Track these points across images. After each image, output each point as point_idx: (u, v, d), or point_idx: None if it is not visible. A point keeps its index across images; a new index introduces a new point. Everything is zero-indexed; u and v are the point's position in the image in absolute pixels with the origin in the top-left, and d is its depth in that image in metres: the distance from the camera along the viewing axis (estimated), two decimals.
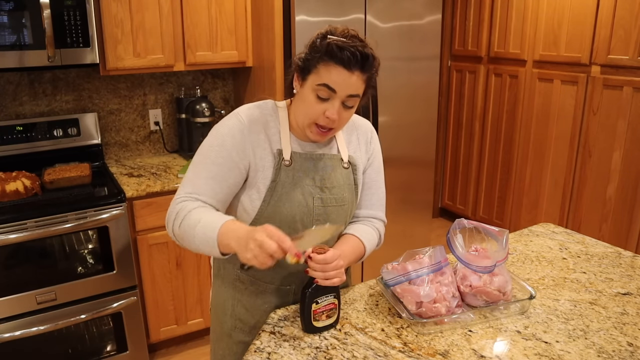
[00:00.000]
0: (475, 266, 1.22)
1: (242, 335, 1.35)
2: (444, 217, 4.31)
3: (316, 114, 1.16)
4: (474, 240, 1.29)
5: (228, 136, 1.21)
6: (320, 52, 1.13)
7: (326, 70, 1.12)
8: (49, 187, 2.22)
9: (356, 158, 1.32)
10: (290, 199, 1.22)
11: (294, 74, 1.21)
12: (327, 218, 1.26)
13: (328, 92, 1.13)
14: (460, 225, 1.28)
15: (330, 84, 1.12)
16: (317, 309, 1.15)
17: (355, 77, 1.14)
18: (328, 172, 1.26)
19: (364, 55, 1.13)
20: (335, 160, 1.28)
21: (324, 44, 1.13)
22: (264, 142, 1.22)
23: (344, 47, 1.11)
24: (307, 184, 1.24)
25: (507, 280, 1.24)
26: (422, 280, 1.19)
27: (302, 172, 1.24)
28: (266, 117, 1.25)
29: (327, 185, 1.26)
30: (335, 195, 1.26)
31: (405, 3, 2.85)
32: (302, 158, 1.24)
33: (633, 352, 1.11)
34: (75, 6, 2.16)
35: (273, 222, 1.19)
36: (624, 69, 2.75)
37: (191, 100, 2.77)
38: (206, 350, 2.63)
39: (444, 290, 1.20)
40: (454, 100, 3.94)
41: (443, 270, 1.22)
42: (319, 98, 1.15)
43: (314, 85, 1.14)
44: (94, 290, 2.21)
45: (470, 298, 1.24)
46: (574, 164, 3.09)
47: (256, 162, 1.22)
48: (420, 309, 1.19)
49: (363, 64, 1.13)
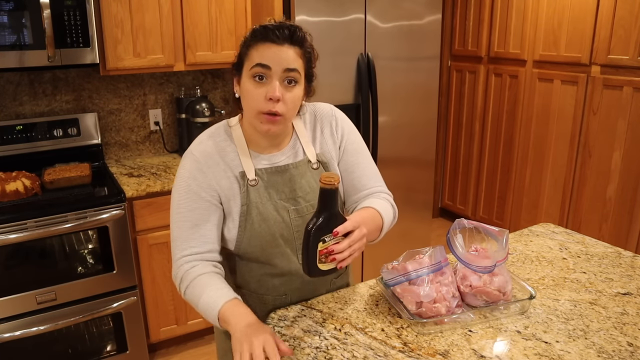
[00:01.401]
0: (475, 266, 1.22)
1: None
2: (444, 217, 4.31)
3: (258, 98, 1.11)
4: (474, 240, 1.29)
5: (190, 179, 1.19)
6: (248, 41, 1.13)
7: (256, 51, 1.11)
8: (49, 187, 2.22)
9: (325, 153, 1.29)
10: (265, 218, 1.20)
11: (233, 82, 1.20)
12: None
13: (262, 69, 1.10)
14: (460, 225, 1.27)
15: (262, 60, 1.10)
16: (323, 249, 1.03)
17: (286, 49, 1.11)
18: (297, 180, 1.23)
19: (290, 28, 1.12)
20: (301, 167, 1.25)
21: (249, 34, 1.14)
22: (225, 170, 1.20)
23: (267, 26, 1.12)
24: (279, 198, 1.22)
25: (507, 280, 1.24)
26: (422, 280, 1.19)
27: (270, 188, 1.21)
28: (220, 144, 1.22)
29: (299, 195, 1.23)
30: (311, 202, 1.24)
31: (405, 3, 2.85)
32: (267, 173, 1.22)
33: (633, 352, 1.11)
34: (75, 6, 2.16)
35: (254, 244, 1.21)
36: (624, 69, 2.75)
37: (191, 100, 2.77)
38: (206, 350, 2.63)
39: (444, 290, 1.20)
40: (454, 100, 3.94)
41: (443, 270, 1.22)
42: (257, 81, 1.11)
43: (248, 70, 1.12)
44: (94, 290, 2.21)
45: (470, 298, 1.24)
46: (574, 164, 3.09)
47: (225, 193, 1.20)
48: (420, 309, 1.19)
49: (291, 36, 1.12)
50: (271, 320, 1.23)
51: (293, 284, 1.29)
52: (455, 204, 4.09)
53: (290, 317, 1.24)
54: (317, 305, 1.29)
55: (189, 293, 1.16)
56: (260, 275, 1.27)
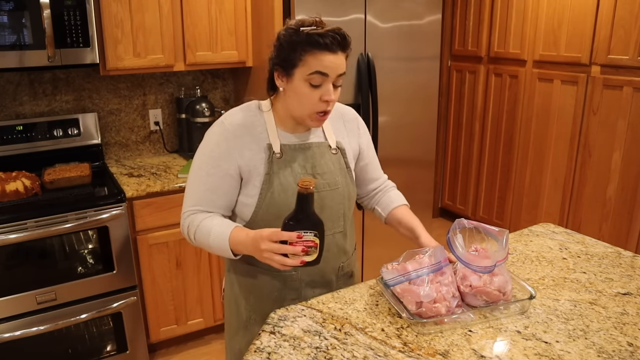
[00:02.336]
0: (475, 266, 1.22)
1: (258, 327, 1.39)
2: (444, 217, 4.31)
3: (313, 101, 1.23)
4: (474, 240, 1.29)
5: (215, 145, 1.30)
6: (302, 44, 1.20)
7: (314, 59, 1.19)
8: (49, 187, 2.22)
9: (344, 144, 1.40)
10: (285, 188, 1.29)
11: (274, 73, 1.27)
12: (322, 203, 1.32)
13: (321, 78, 1.21)
14: (460, 225, 1.27)
15: (322, 69, 1.20)
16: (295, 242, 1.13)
17: (340, 56, 1.22)
18: (317, 159, 1.33)
19: (341, 36, 1.21)
20: (323, 147, 1.35)
21: (302, 37, 1.20)
22: (250, 142, 1.30)
23: (324, 34, 1.19)
24: (300, 172, 1.31)
25: (507, 280, 1.24)
26: (422, 280, 1.19)
27: (293, 161, 1.31)
28: (250, 119, 1.32)
29: (318, 172, 1.33)
30: (328, 180, 1.33)
31: (405, 3, 2.85)
32: (291, 149, 1.32)
33: (633, 352, 1.11)
34: (75, 6, 2.16)
35: (271, 211, 1.29)
36: (624, 69, 2.75)
37: (191, 100, 2.77)
38: (206, 350, 2.63)
39: (444, 290, 1.20)
40: (454, 100, 3.94)
41: (443, 270, 1.22)
42: (313, 86, 1.22)
43: (305, 75, 1.21)
44: (94, 290, 2.21)
45: (470, 298, 1.24)
46: (574, 164, 3.09)
47: (246, 163, 1.29)
48: (420, 309, 1.18)
49: (343, 44, 1.22)
50: (271, 320, 1.24)
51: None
52: (455, 204, 4.09)
53: (290, 317, 1.24)
54: (317, 305, 1.29)
55: (198, 237, 1.28)
56: None
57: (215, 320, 2.64)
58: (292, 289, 1.38)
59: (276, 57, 1.25)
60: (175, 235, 2.39)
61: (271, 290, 1.38)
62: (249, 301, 1.41)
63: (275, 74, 1.27)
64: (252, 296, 1.41)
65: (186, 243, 2.43)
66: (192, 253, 2.46)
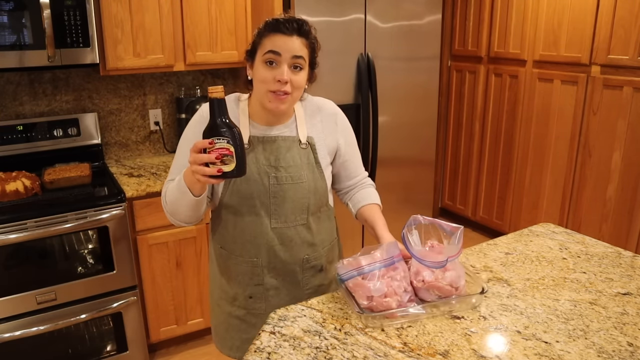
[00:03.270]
0: (427, 261, 1.23)
1: (227, 305, 1.51)
2: (444, 217, 4.31)
3: (268, 79, 1.28)
4: (430, 236, 1.31)
5: (190, 129, 1.41)
6: (261, 31, 1.31)
7: (268, 40, 1.29)
8: (49, 187, 2.22)
9: (316, 139, 1.43)
10: (247, 178, 1.35)
11: (246, 66, 1.36)
12: (284, 195, 1.38)
13: (273, 56, 1.27)
14: (416, 221, 1.30)
15: (274, 48, 1.27)
16: (209, 150, 1.15)
17: (295, 39, 1.28)
18: (282, 152, 1.38)
19: (297, 21, 1.29)
20: (290, 142, 1.40)
21: (262, 26, 1.31)
22: None
23: (278, 18, 1.30)
24: (263, 164, 1.37)
25: (459, 275, 1.25)
26: (374, 275, 1.22)
27: (258, 154, 1.37)
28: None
29: (282, 165, 1.38)
30: (291, 174, 1.38)
31: (405, 3, 2.86)
32: (258, 141, 1.38)
33: (633, 352, 1.11)
34: (75, 6, 2.16)
35: (234, 200, 1.38)
36: (624, 69, 2.75)
37: (191, 100, 2.77)
38: (206, 350, 2.63)
39: (395, 285, 1.21)
40: (454, 100, 3.94)
41: (395, 265, 1.25)
42: (268, 65, 1.28)
43: (261, 56, 1.29)
44: (94, 290, 2.21)
45: (423, 293, 1.26)
46: (574, 164, 3.09)
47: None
48: (372, 303, 1.21)
49: (299, 29, 1.29)
50: (271, 320, 1.24)
51: (261, 247, 1.40)
52: (455, 204, 4.09)
53: (290, 317, 1.24)
54: (317, 305, 1.29)
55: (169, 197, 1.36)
56: (236, 232, 1.42)
57: None
58: (256, 275, 1.44)
59: (246, 51, 1.36)
60: (175, 236, 2.39)
61: (237, 273, 1.45)
62: (221, 281, 1.51)
63: (247, 66, 1.36)
64: (223, 277, 1.50)
65: (186, 243, 2.43)
66: (192, 253, 2.46)
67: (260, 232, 1.39)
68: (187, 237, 2.42)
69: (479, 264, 1.53)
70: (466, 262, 1.54)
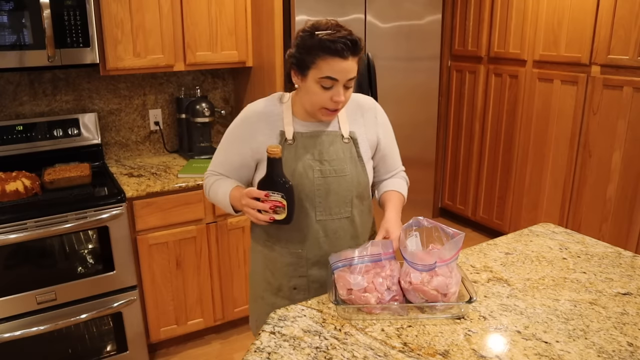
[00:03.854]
0: (414, 264, 1.23)
1: (271, 297, 1.54)
2: (444, 217, 4.31)
3: (324, 100, 1.32)
4: (433, 240, 1.32)
5: (234, 127, 1.48)
6: (314, 49, 1.28)
7: (325, 63, 1.27)
8: (49, 187, 2.22)
9: (358, 134, 1.47)
10: (292, 172, 1.39)
11: (291, 71, 1.37)
12: (329, 188, 1.41)
13: (331, 82, 1.29)
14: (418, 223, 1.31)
15: (332, 74, 1.28)
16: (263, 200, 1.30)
17: (350, 62, 1.29)
18: (326, 146, 1.42)
19: (353, 41, 1.28)
20: (333, 136, 1.43)
21: (315, 41, 1.27)
22: (265, 128, 1.43)
23: (335, 40, 1.26)
24: (308, 158, 1.40)
25: (451, 282, 1.23)
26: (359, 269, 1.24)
27: (303, 148, 1.41)
28: (270, 108, 1.45)
29: (325, 158, 1.41)
30: (335, 167, 1.41)
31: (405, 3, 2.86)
32: (303, 137, 1.42)
33: (633, 352, 1.11)
34: (75, 6, 2.16)
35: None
36: (624, 69, 2.75)
37: (191, 100, 2.77)
38: (206, 350, 2.63)
39: (377, 282, 1.22)
40: (454, 100, 3.94)
41: (382, 262, 1.26)
42: (324, 88, 1.31)
43: (317, 78, 1.30)
44: (94, 290, 2.21)
45: (410, 295, 1.26)
46: (574, 164, 3.09)
47: (259, 147, 1.42)
48: (350, 296, 1.22)
49: (354, 50, 1.29)
50: (271, 320, 1.24)
51: (307, 239, 1.44)
52: (455, 204, 4.09)
53: (290, 317, 1.24)
54: (317, 306, 1.29)
55: (211, 195, 1.51)
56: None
57: (215, 320, 2.64)
58: (300, 266, 1.47)
59: (292, 57, 1.34)
60: (175, 235, 2.39)
61: (282, 264, 1.49)
62: (265, 273, 1.54)
63: (292, 72, 1.37)
64: (268, 269, 1.53)
65: (186, 243, 2.43)
66: (192, 253, 2.46)
67: (306, 224, 1.42)
68: (187, 237, 2.42)
69: (479, 264, 1.53)
70: (466, 262, 1.54)
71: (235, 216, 2.43)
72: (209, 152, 2.77)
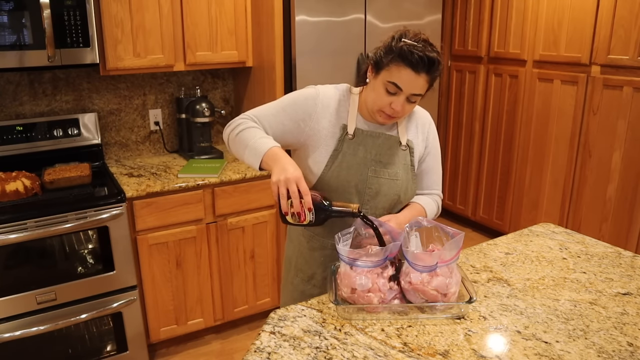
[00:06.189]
0: (415, 264, 1.23)
1: (302, 284, 1.58)
2: (444, 217, 4.31)
3: (383, 104, 1.34)
4: (433, 240, 1.32)
5: (302, 97, 1.44)
6: (394, 53, 1.29)
7: (397, 69, 1.29)
8: (49, 187, 2.22)
9: (414, 143, 1.49)
10: (349, 166, 1.42)
11: (369, 66, 1.39)
12: (379, 188, 1.43)
13: (395, 89, 1.31)
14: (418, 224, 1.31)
15: (399, 83, 1.30)
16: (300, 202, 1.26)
17: (421, 79, 1.30)
18: (384, 149, 1.44)
19: (431, 59, 1.28)
20: (392, 141, 1.45)
21: (397, 46, 1.29)
22: (331, 115, 1.43)
23: (414, 51, 1.27)
24: (365, 156, 1.43)
25: (451, 282, 1.23)
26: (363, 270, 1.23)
27: (362, 145, 1.43)
28: (339, 97, 1.45)
29: (382, 160, 1.44)
30: (389, 170, 1.44)
31: (405, 3, 2.86)
32: (363, 134, 1.43)
33: (633, 352, 1.11)
34: (75, 6, 2.16)
35: (332, 184, 1.43)
36: (624, 69, 2.75)
37: (191, 100, 2.77)
38: (206, 350, 2.63)
39: (380, 283, 1.22)
40: (454, 100, 3.94)
41: (386, 263, 1.26)
42: (388, 92, 1.32)
43: (385, 80, 1.32)
44: (94, 290, 2.21)
45: (411, 295, 1.25)
46: (574, 164, 3.09)
47: (319, 130, 1.42)
48: (353, 295, 1.23)
49: (429, 68, 1.29)
50: (271, 320, 1.24)
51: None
52: (455, 204, 4.09)
53: (290, 317, 1.24)
54: (317, 306, 1.29)
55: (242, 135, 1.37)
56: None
57: (215, 320, 2.64)
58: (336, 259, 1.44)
59: (375, 54, 1.36)
60: (175, 235, 2.39)
61: (320, 254, 1.52)
62: (298, 260, 1.58)
63: (369, 67, 1.38)
64: (302, 256, 1.56)
65: (186, 243, 2.43)
66: (192, 253, 2.47)
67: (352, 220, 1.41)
68: (187, 237, 2.42)
69: (479, 264, 1.53)
70: (466, 262, 1.54)
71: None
72: (209, 152, 2.77)
